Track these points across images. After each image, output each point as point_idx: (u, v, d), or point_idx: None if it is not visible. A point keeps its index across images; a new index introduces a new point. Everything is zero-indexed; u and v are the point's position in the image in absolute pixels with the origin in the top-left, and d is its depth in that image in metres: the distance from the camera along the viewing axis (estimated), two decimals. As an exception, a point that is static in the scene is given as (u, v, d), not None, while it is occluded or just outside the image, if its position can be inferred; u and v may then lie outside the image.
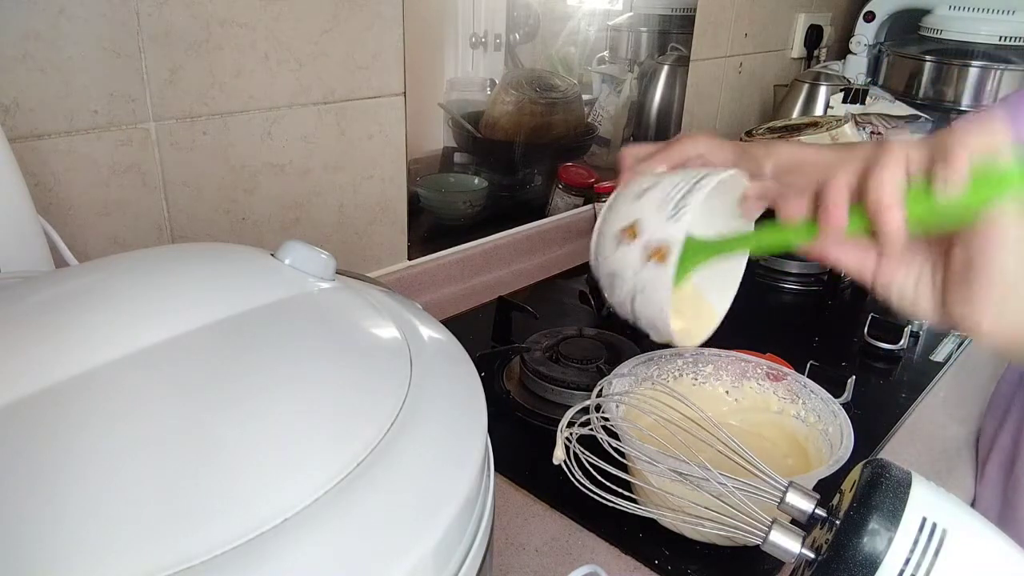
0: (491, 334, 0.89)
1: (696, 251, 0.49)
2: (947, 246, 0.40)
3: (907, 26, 1.61)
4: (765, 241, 0.46)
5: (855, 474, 0.39)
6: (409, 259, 1.02)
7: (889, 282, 0.42)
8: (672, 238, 0.46)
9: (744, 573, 0.58)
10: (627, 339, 0.83)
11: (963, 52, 1.46)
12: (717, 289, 0.55)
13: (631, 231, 0.48)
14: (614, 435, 0.49)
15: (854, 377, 0.81)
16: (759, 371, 0.68)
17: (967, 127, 0.37)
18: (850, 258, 0.42)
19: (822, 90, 1.55)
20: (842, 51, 1.71)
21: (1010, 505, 0.77)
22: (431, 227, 1.05)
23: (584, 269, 1.16)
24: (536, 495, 0.65)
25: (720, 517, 0.41)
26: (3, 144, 0.53)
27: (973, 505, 0.81)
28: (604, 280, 0.51)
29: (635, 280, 0.48)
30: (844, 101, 1.45)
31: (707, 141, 0.56)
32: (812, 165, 0.63)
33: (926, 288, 0.42)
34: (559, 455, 0.47)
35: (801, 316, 1.06)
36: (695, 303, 0.54)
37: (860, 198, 0.40)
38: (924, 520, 0.35)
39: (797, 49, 1.75)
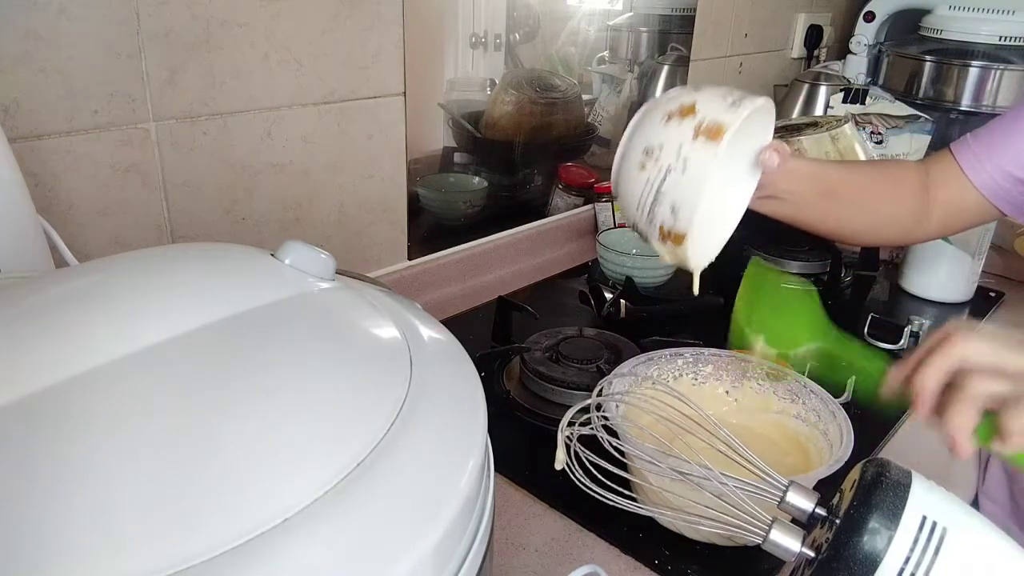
0: (491, 334, 0.89)
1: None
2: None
3: (907, 26, 1.61)
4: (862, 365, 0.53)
5: (855, 473, 0.39)
6: (409, 259, 1.02)
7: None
8: (729, 120, 0.47)
9: (744, 573, 0.58)
10: (627, 339, 0.83)
11: (963, 52, 1.46)
12: (721, 220, 0.56)
13: (685, 111, 0.49)
14: (614, 434, 0.49)
15: (854, 377, 0.81)
16: (759, 371, 0.68)
17: None
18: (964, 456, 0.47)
19: (822, 90, 1.55)
20: (842, 51, 1.71)
21: (1017, 506, 0.77)
22: (431, 227, 1.05)
23: (584, 269, 1.16)
24: (536, 495, 0.65)
25: (720, 516, 0.41)
26: (3, 144, 0.53)
27: (975, 503, 0.81)
28: (634, 156, 0.51)
29: (678, 154, 0.48)
30: (844, 101, 1.45)
31: None
32: (817, 177, 0.66)
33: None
34: (560, 458, 0.47)
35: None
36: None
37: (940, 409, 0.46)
38: (924, 519, 0.35)
39: (797, 49, 1.75)
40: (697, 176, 0.47)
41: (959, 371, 0.45)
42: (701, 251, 0.54)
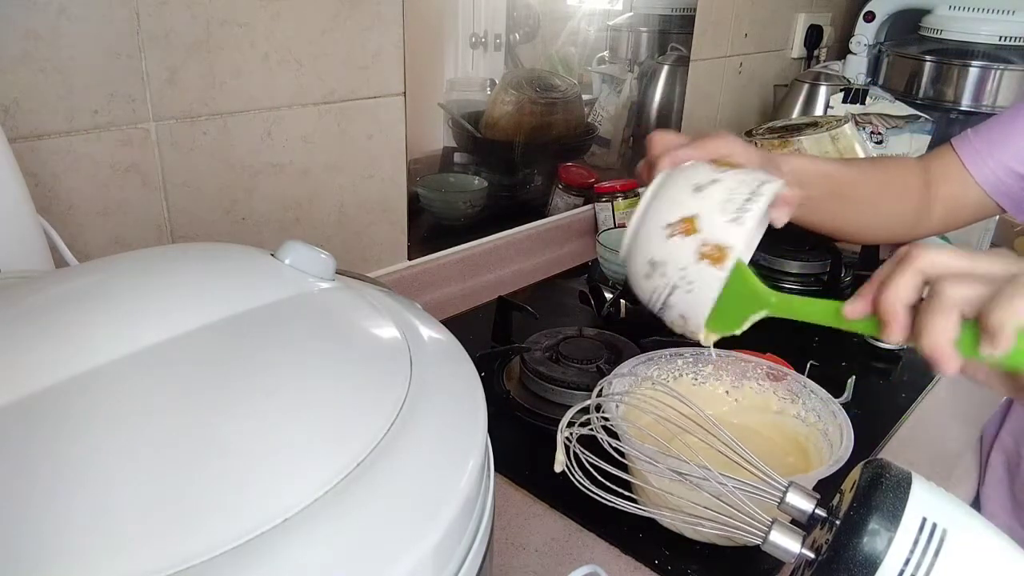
0: (491, 334, 0.89)
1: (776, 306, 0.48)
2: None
3: (907, 26, 1.61)
4: (824, 319, 0.48)
5: (855, 474, 0.39)
6: (409, 259, 1.02)
7: (971, 378, 0.45)
8: (734, 242, 0.45)
9: (744, 573, 0.58)
10: (627, 339, 0.83)
11: (963, 52, 1.46)
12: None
13: (689, 225, 0.47)
14: (614, 435, 0.49)
15: (854, 377, 0.81)
16: (759, 371, 0.68)
17: (1013, 295, 0.38)
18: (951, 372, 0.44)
19: (822, 90, 1.55)
20: (842, 51, 1.71)
21: (1017, 502, 0.77)
22: (431, 227, 1.05)
23: (584, 269, 1.16)
24: (536, 495, 0.65)
25: (720, 517, 0.41)
26: (3, 144, 0.53)
27: (977, 504, 0.81)
28: (639, 265, 0.49)
29: (682, 275, 0.47)
30: (844, 101, 1.45)
31: (736, 142, 0.57)
32: (826, 177, 0.65)
33: (1011, 388, 0.45)
34: (560, 459, 0.47)
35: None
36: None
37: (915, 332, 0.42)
38: (924, 520, 0.35)
39: (797, 49, 1.75)
40: (703, 295, 0.47)
41: (928, 282, 0.41)
42: (718, 333, 0.54)
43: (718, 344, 0.57)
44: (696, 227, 0.46)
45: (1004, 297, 0.38)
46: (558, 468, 0.47)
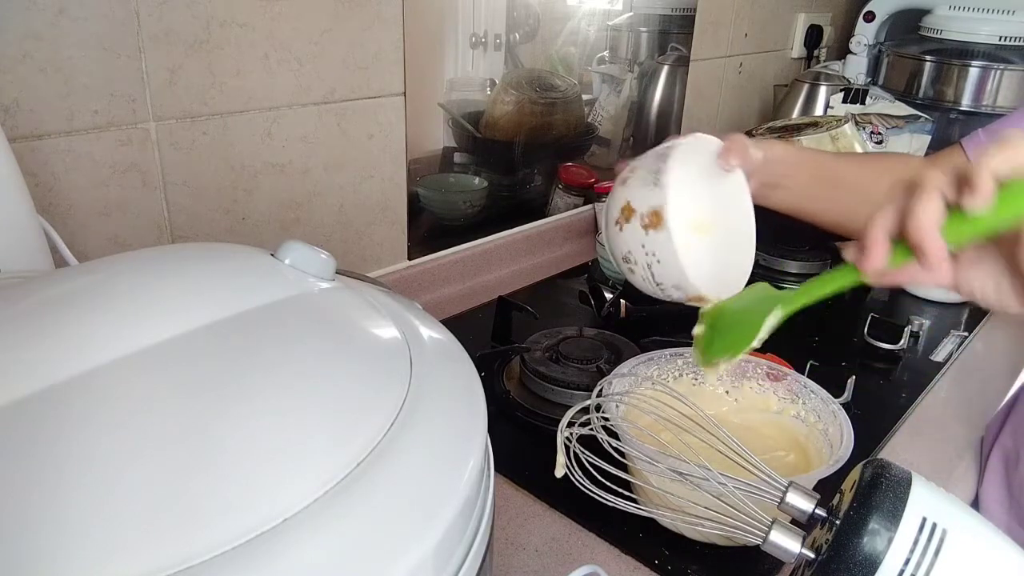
0: (491, 334, 0.89)
1: (774, 300, 0.49)
2: (1010, 248, 0.41)
3: (907, 26, 1.61)
4: (829, 286, 0.46)
5: (855, 474, 0.39)
6: (409, 259, 1.02)
7: (970, 289, 0.44)
8: (658, 201, 0.50)
9: (744, 573, 0.58)
10: (627, 339, 0.83)
11: (963, 52, 1.46)
12: (736, 250, 0.56)
13: (626, 212, 0.52)
14: (614, 435, 0.49)
15: (854, 377, 0.81)
16: (759, 371, 0.68)
17: (987, 149, 0.38)
18: (923, 277, 0.42)
19: (822, 90, 1.55)
20: (842, 51, 1.71)
21: (1017, 503, 0.77)
22: (431, 227, 1.05)
23: (584, 269, 1.16)
24: (536, 495, 0.65)
25: (720, 517, 0.41)
26: (3, 144, 0.53)
27: (976, 503, 0.81)
28: (623, 268, 0.55)
29: (644, 252, 0.51)
30: (844, 101, 1.45)
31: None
32: (810, 162, 0.65)
33: (1007, 288, 0.43)
34: (561, 462, 0.47)
35: (801, 316, 1.06)
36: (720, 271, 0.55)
37: (901, 231, 0.41)
38: (924, 520, 0.35)
39: (797, 49, 1.75)
40: (669, 259, 0.51)
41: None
42: (732, 287, 0.55)
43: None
44: (631, 209, 0.52)
45: (980, 157, 0.38)
46: (559, 473, 0.47)
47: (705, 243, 0.53)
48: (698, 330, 0.53)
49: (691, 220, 0.51)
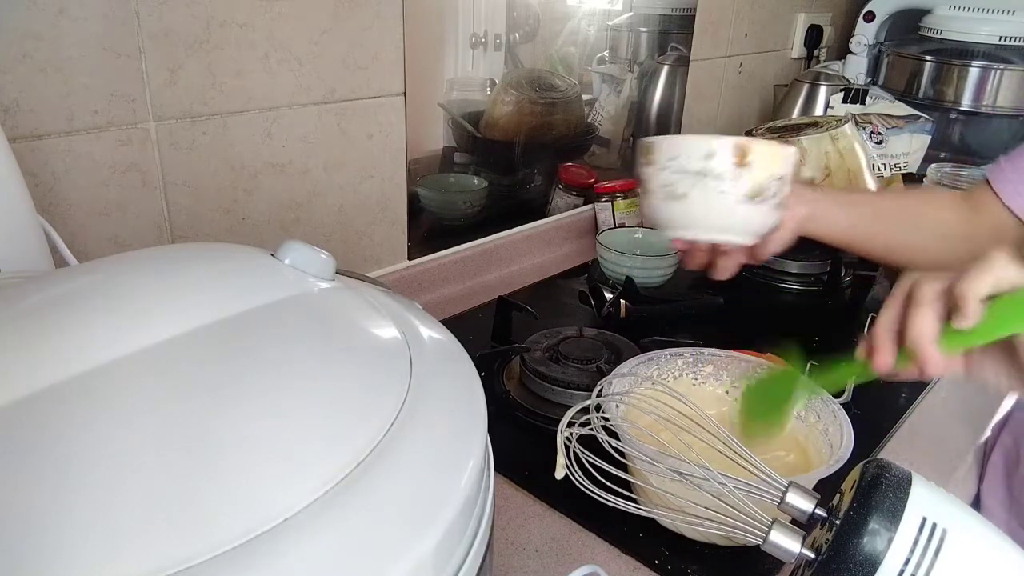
0: (491, 334, 0.89)
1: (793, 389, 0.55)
2: (1008, 352, 0.45)
3: (907, 26, 1.61)
4: (846, 378, 0.53)
5: (855, 474, 0.39)
6: (409, 259, 1.02)
7: (983, 379, 0.47)
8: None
9: (744, 573, 0.58)
10: (627, 339, 0.83)
11: (963, 52, 1.46)
12: None
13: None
14: (614, 435, 0.49)
15: (854, 377, 0.81)
16: (759, 371, 0.68)
17: (971, 270, 0.42)
18: (932, 375, 0.47)
19: (822, 90, 1.55)
20: (842, 51, 1.71)
21: (1017, 502, 0.77)
22: (431, 227, 1.05)
23: (584, 269, 1.16)
24: (536, 495, 0.65)
25: (720, 517, 0.41)
26: (3, 144, 0.53)
27: (976, 503, 0.81)
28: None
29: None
30: (844, 101, 1.45)
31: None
32: (865, 204, 0.71)
33: (1017, 377, 0.46)
34: (561, 462, 0.47)
35: (801, 316, 1.06)
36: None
37: (902, 339, 0.45)
38: (924, 520, 0.35)
39: (797, 49, 1.75)
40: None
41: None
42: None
43: (718, 344, 0.59)
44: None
45: (967, 274, 0.41)
46: (559, 475, 0.47)
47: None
48: (738, 406, 0.61)
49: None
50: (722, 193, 0.56)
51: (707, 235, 0.60)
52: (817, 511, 0.39)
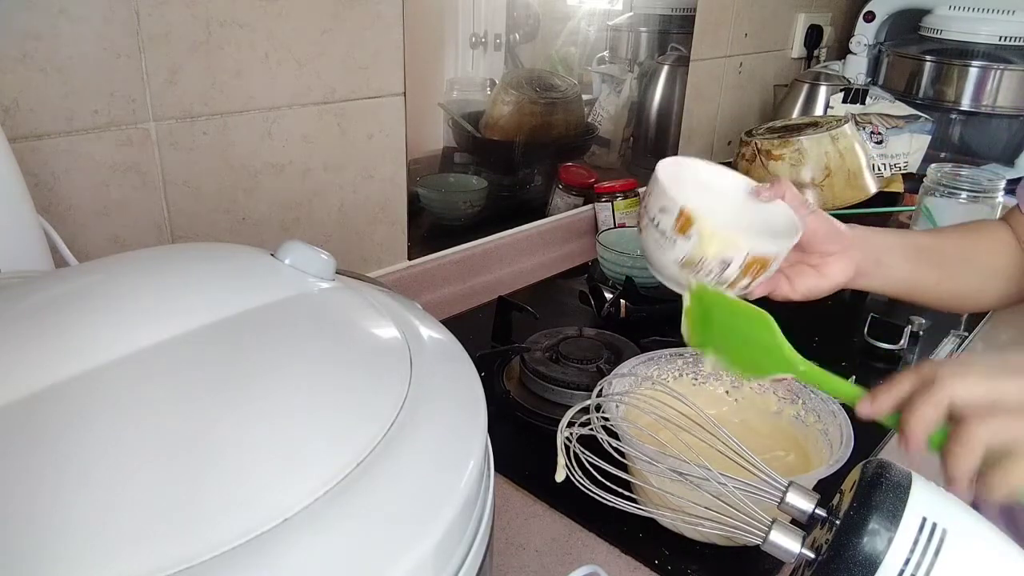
0: (491, 334, 0.89)
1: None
2: None
3: (907, 26, 1.61)
4: (830, 388, 0.52)
5: (855, 474, 0.39)
6: (409, 259, 1.02)
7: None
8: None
9: (744, 573, 0.58)
10: (627, 339, 0.83)
11: (963, 52, 1.46)
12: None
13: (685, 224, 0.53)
14: (614, 435, 0.49)
15: (854, 377, 0.81)
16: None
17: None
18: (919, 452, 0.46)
19: (822, 90, 1.55)
20: (842, 51, 1.71)
21: (1016, 502, 0.77)
22: (431, 227, 1.05)
23: (584, 269, 1.16)
24: (536, 495, 0.65)
25: (720, 517, 0.41)
26: (3, 144, 0.53)
27: (975, 505, 0.81)
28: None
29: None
30: (844, 101, 1.45)
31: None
32: (909, 246, 0.66)
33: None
34: (562, 463, 0.47)
35: (801, 316, 1.06)
36: None
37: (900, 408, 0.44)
38: (924, 520, 0.35)
39: (797, 49, 1.75)
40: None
41: (952, 409, 0.42)
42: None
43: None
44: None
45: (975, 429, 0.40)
46: (559, 477, 0.47)
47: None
48: (688, 303, 0.55)
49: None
50: (660, 248, 0.55)
51: (659, 277, 0.59)
52: (817, 511, 0.39)
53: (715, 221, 0.52)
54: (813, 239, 0.58)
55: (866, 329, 0.94)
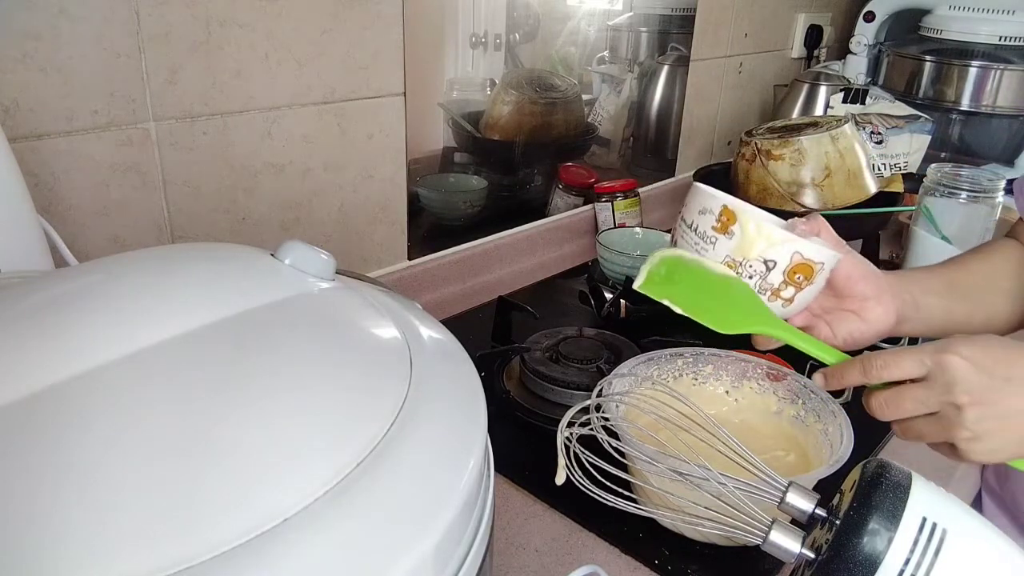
0: (491, 334, 0.89)
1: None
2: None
3: (907, 26, 1.61)
4: (806, 348, 0.54)
5: (855, 474, 0.39)
6: (409, 259, 1.02)
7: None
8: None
9: (744, 573, 0.58)
10: (627, 339, 0.83)
11: (963, 52, 1.46)
12: None
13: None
14: (614, 435, 0.49)
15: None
16: (759, 371, 0.68)
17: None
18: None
19: (822, 90, 1.55)
20: (842, 51, 1.71)
21: (1016, 502, 0.77)
22: (431, 227, 1.05)
23: (584, 269, 1.16)
24: (536, 495, 0.65)
25: (720, 517, 0.41)
26: (3, 144, 0.53)
27: (976, 503, 0.81)
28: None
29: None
30: (844, 101, 1.45)
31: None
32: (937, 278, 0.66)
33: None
34: (562, 463, 0.47)
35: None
36: None
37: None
38: (924, 520, 0.35)
39: (797, 49, 1.75)
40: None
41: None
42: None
43: (718, 344, 0.57)
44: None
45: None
46: (559, 480, 0.46)
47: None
48: (654, 259, 0.54)
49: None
50: (700, 254, 0.53)
51: None
52: (817, 511, 0.39)
53: (759, 214, 0.51)
54: (848, 280, 0.56)
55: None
